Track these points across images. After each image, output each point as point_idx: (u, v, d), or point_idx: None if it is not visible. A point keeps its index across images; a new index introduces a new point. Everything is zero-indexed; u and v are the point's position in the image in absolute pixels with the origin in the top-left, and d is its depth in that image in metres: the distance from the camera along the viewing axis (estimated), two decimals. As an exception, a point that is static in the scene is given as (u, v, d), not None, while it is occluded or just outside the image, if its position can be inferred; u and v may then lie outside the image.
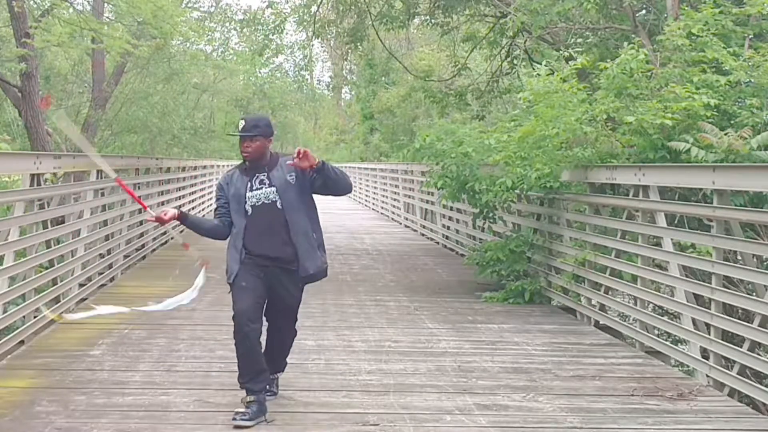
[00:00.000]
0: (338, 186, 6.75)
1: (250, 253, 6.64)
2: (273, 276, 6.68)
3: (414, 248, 19.70)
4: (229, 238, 6.78)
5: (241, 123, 6.72)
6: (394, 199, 28.23)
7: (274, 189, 6.65)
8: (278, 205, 6.64)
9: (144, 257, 16.02)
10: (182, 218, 6.73)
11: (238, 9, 64.19)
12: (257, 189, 6.67)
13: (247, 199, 6.66)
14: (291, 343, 7.22)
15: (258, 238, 6.64)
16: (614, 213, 10.57)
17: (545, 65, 12.89)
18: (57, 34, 19.08)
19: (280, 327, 7.01)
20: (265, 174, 6.67)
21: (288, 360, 7.33)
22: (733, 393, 7.57)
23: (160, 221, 6.64)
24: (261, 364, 6.67)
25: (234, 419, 6.43)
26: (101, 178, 12.34)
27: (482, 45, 22.70)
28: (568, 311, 11.43)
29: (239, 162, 6.98)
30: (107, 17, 25.06)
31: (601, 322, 10.47)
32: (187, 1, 34.81)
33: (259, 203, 6.65)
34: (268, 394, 6.84)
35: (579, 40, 16.54)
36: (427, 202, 21.75)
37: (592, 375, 8.15)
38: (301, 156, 6.47)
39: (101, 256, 12.48)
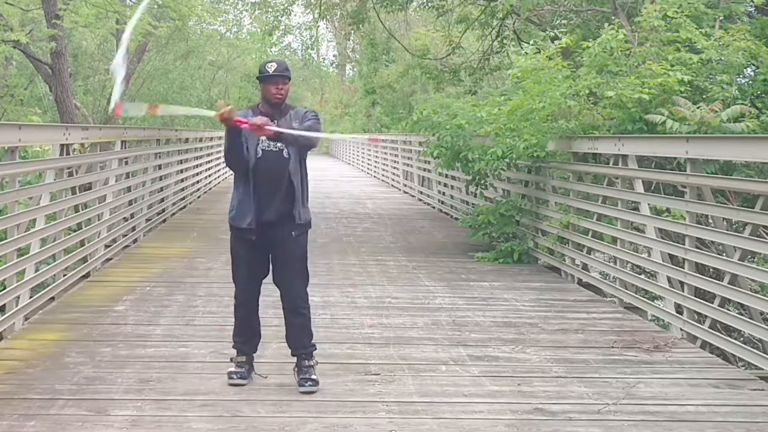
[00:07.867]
0: (302, 148, 6.11)
1: (256, 193, 6.07)
2: (271, 228, 6.13)
3: (412, 212, 19.64)
4: (236, 175, 6.26)
5: (272, 65, 6.05)
6: (394, 167, 28.09)
7: None
8: (284, 154, 6.04)
9: (164, 221, 15.93)
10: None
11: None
12: None
13: (260, 141, 6.01)
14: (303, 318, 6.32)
15: (264, 181, 6.05)
16: (596, 180, 10.52)
17: (532, 44, 12.84)
18: (84, 15, 18.99)
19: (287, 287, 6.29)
20: (275, 123, 5.94)
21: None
22: (704, 345, 7.56)
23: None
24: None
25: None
26: (125, 148, 12.27)
27: (474, 26, 22.54)
28: (553, 270, 11.39)
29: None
30: (130, 0, 24.88)
31: (583, 280, 10.44)
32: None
33: (268, 148, 6.02)
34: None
35: (563, 22, 16.38)
36: (424, 170, 21.64)
37: (576, 329, 8.11)
38: (252, 129, 5.78)
39: (125, 219, 12.41)
